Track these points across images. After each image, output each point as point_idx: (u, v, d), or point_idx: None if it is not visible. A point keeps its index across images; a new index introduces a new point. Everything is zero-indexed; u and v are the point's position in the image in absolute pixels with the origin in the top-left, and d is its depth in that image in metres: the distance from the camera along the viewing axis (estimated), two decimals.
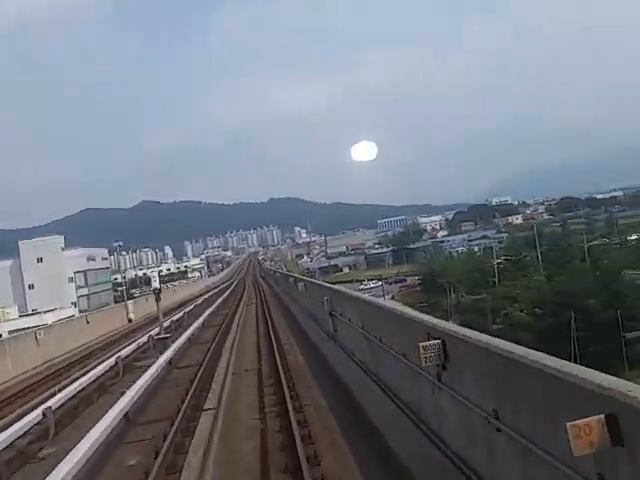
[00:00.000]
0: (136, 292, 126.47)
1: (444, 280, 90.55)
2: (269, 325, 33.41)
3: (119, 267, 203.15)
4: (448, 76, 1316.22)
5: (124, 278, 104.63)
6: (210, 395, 16.97)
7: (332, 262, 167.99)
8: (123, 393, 15.71)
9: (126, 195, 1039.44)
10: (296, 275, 57.70)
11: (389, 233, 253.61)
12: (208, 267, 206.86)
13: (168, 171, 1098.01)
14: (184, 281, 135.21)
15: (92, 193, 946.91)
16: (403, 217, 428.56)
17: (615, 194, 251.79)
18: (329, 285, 31.75)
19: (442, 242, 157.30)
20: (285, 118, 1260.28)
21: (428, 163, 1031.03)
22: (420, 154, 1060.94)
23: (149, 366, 20.10)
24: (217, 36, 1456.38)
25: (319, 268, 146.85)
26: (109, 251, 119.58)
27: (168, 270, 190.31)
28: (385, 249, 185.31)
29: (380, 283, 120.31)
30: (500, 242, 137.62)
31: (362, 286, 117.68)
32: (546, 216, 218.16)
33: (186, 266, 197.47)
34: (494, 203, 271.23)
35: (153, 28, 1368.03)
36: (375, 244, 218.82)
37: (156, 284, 56.76)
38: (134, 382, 17.18)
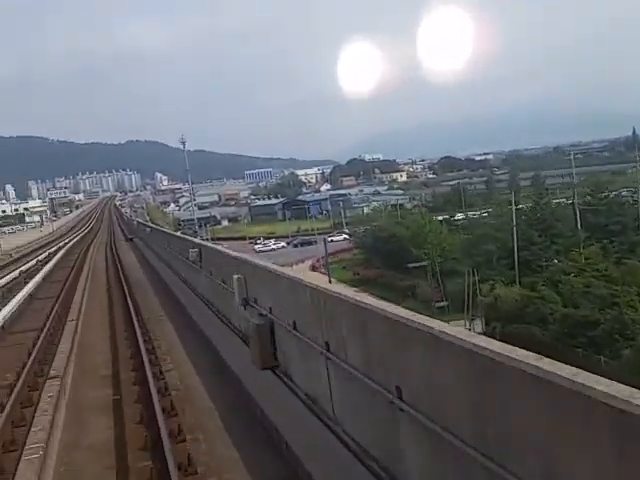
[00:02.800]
0: None
1: (422, 250, 63.08)
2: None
3: None
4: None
5: None
6: None
7: (206, 213, 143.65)
8: None
9: None
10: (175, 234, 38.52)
11: (260, 184, 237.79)
12: (53, 211, 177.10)
13: (8, 100, 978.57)
14: (18, 227, 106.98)
15: None
16: (270, 169, 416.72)
17: (487, 157, 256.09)
18: (237, 255, 15.35)
19: (339, 197, 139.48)
20: (145, 57, 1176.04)
21: (289, 115, 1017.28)
22: (278, 104, 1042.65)
23: None
24: None
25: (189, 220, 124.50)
26: None
27: (3, 212, 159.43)
28: (272, 200, 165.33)
29: (282, 244, 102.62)
30: (413, 199, 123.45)
31: (258, 247, 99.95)
32: (430, 175, 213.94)
33: (25, 208, 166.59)
34: (367, 159, 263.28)
35: None
36: (251, 195, 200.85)
37: None
38: None
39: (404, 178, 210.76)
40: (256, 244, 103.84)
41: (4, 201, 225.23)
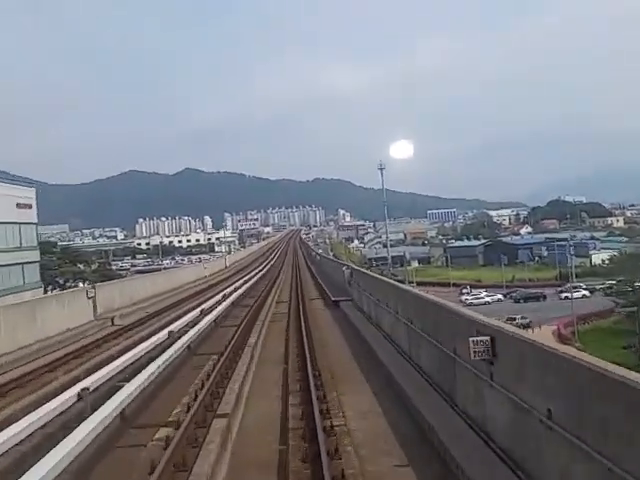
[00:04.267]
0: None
1: None
2: None
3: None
4: (492, 67, 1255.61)
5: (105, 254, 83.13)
6: None
7: (394, 252, 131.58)
8: None
9: (170, 161, 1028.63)
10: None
11: (446, 224, 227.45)
12: (242, 241, 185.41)
13: (214, 141, 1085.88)
14: (207, 256, 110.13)
15: (137, 156, 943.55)
16: (454, 209, 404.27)
17: None
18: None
19: (552, 241, 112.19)
20: (336, 100, 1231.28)
21: (472, 158, 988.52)
22: (465, 148, 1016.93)
23: None
24: (276, 8, 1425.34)
25: (377, 257, 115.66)
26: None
27: (197, 241, 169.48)
28: (471, 242, 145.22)
29: (498, 296, 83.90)
30: None
31: (466, 297, 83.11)
32: None
33: (217, 238, 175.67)
34: (571, 202, 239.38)
35: None
36: (439, 235, 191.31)
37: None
38: None
39: (620, 223, 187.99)
40: (462, 294, 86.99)
41: (199, 230, 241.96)
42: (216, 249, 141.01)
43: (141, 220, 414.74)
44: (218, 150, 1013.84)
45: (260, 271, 61.44)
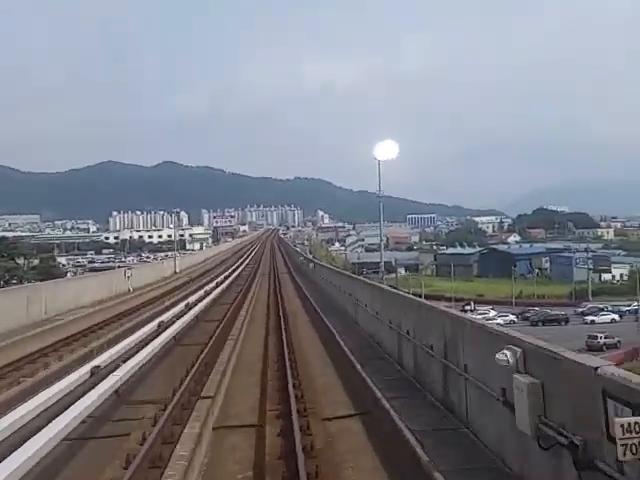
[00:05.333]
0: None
1: None
2: None
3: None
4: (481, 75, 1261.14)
5: None
6: None
7: (376, 256, 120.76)
8: None
9: (149, 153, 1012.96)
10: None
11: (427, 229, 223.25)
12: (216, 239, 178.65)
13: (194, 135, 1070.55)
14: (178, 254, 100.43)
15: (116, 147, 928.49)
16: (433, 215, 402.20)
17: None
18: None
19: (555, 252, 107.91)
20: (319, 97, 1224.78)
21: (453, 164, 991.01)
22: (446, 154, 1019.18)
23: None
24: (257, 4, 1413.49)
25: (361, 263, 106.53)
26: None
27: (169, 237, 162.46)
28: (465, 249, 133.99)
29: (510, 317, 71.98)
30: None
31: (475, 314, 66.81)
32: None
33: (190, 235, 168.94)
34: (557, 211, 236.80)
35: None
36: (423, 240, 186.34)
37: None
38: None
39: (611, 235, 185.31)
40: (464, 309, 72.66)
41: (171, 226, 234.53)
42: (187, 246, 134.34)
43: (115, 213, 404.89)
44: (199, 144, 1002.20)
45: (220, 284, 42.18)
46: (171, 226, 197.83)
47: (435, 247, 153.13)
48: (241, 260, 77.63)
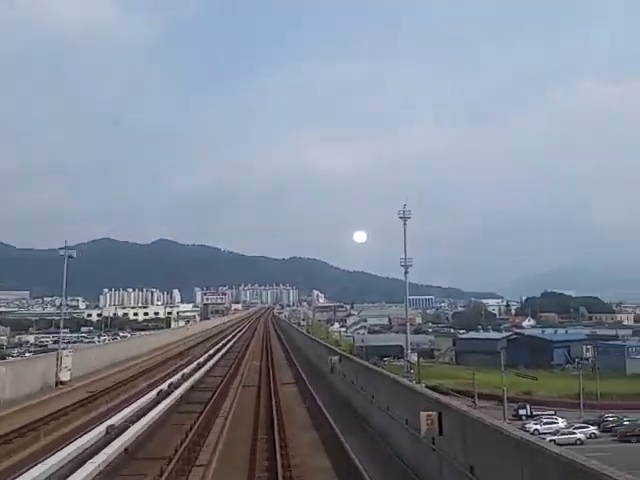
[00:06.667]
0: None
1: None
2: None
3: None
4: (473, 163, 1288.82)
5: None
6: None
7: (387, 341, 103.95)
8: None
9: (146, 231, 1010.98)
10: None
11: (429, 311, 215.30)
12: (206, 317, 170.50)
13: (192, 213, 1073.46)
14: (159, 332, 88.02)
15: (111, 224, 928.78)
16: (431, 296, 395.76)
17: None
18: None
19: (597, 339, 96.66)
20: (317, 179, 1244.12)
21: (448, 245, 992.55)
22: (444, 236, 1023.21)
23: None
24: (258, 89, 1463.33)
25: (368, 347, 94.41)
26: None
27: (156, 314, 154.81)
28: (489, 334, 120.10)
29: (592, 430, 54.05)
30: None
31: (533, 426, 53.48)
32: None
33: (178, 312, 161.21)
34: (565, 294, 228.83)
35: (198, 70, 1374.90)
36: (428, 322, 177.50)
37: None
38: None
39: (631, 321, 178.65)
40: (519, 417, 59.97)
41: (158, 303, 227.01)
42: (172, 324, 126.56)
43: (106, 290, 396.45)
44: (196, 222, 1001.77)
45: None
46: (158, 303, 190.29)
47: (452, 330, 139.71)
48: (216, 349, 56.68)
